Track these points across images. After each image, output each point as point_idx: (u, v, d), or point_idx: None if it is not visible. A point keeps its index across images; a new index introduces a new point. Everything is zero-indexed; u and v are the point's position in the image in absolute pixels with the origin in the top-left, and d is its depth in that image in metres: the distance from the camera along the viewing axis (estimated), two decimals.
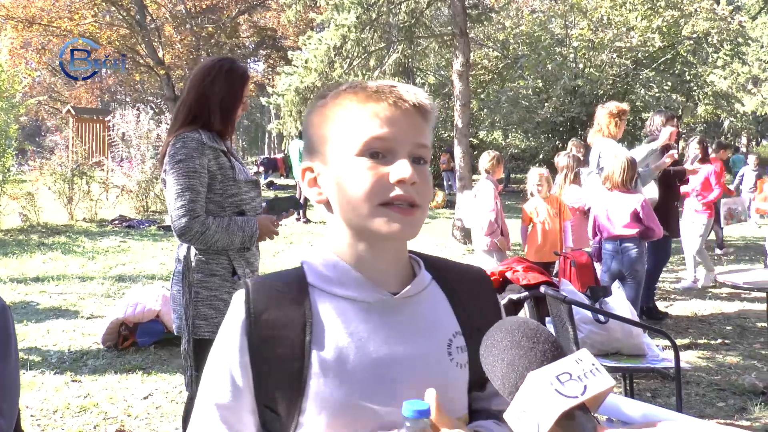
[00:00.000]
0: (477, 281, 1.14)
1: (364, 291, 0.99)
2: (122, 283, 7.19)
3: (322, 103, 1.02)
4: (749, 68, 19.41)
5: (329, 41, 10.53)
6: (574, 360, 0.73)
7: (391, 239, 0.98)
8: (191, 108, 2.57)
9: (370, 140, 0.95)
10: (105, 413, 3.80)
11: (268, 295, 1.00)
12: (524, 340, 0.77)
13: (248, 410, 0.97)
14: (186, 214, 2.43)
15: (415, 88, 0.99)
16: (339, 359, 0.95)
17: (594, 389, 0.70)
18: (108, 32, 22.31)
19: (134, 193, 13.28)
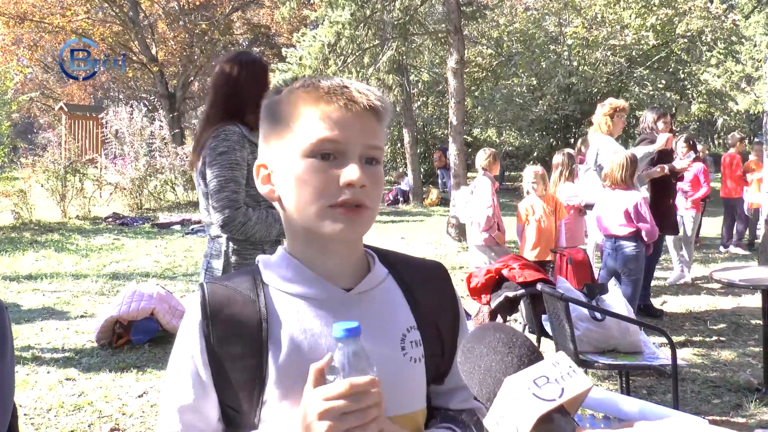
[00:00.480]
0: (434, 275, 1.14)
1: (316, 288, 1.00)
2: (116, 281, 7.15)
3: (276, 98, 1.02)
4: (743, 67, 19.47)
5: (323, 38, 10.50)
6: (551, 363, 0.73)
7: (337, 240, 0.98)
8: (223, 104, 2.62)
9: (319, 142, 0.94)
10: (99, 412, 3.77)
11: (224, 295, 1.01)
12: (500, 346, 0.77)
13: (212, 407, 0.99)
14: (229, 205, 2.47)
15: (368, 88, 0.99)
16: (294, 355, 0.97)
17: (571, 391, 0.70)
18: (101, 29, 22.20)
19: (128, 191, 13.25)
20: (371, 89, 0.99)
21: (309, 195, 0.95)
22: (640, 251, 4.79)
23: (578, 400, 0.72)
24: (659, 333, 3.37)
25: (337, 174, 0.95)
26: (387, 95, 8.37)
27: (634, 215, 4.68)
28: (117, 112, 14.66)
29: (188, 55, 24.05)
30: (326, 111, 0.95)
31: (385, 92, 11.85)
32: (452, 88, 10.50)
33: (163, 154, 14.03)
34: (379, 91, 1.02)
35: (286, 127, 0.99)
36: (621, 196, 4.76)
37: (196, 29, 23.77)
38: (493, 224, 5.55)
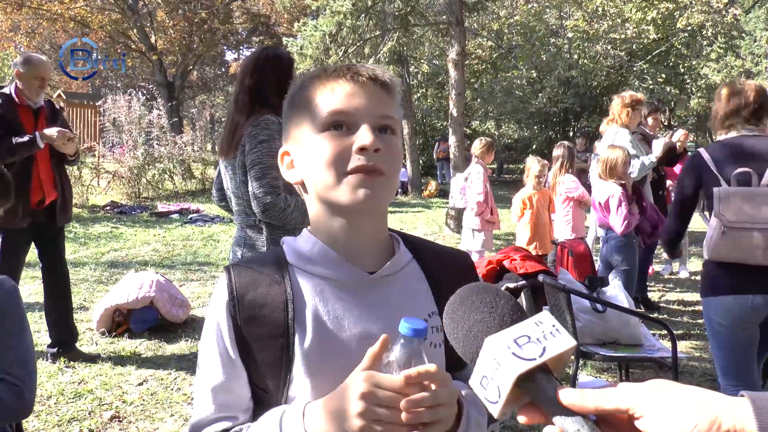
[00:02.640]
0: (458, 263, 1.16)
1: (339, 270, 1.02)
2: (115, 269, 7.14)
3: (293, 91, 1.07)
4: (742, 62, 19.48)
5: (324, 28, 10.46)
6: (534, 322, 0.72)
7: (356, 208, 0.98)
8: (251, 98, 2.69)
9: (330, 115, 0.98)
10: (99, 399, 3.77)
11: (250, 276, 1.04)
12: (483, 306, 0.76)
13: (243, 386, 1.02)
14: (271, 191, 2.52)
15: (375, 66, 1.03)
16: (319, 336, 0.99)
17: (553, 350, 0.68)
18: (99, 16, 22.08)
19: (126, 179, 13.21)
20: (377, 66, 1.03)
21: (326, 165, 0.97)
22: (629, 242, 4.77)
23: (562, 359, 0.70)
24: (660, 326, 3.37)
25: (350, 141, 0.97)
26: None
27: (604, 208, 4.70)
28: (115, 100, 14.60)
29: (187, 44, 23.96)
30: (334, 86, 1.00)
31: None
32: (453, 80, 10.48)
33: (162, 143, 14.00)
34: (384, 69, 1.05)
35: (303, 111, 1.03)
36: (604, 187, 4.77)
37: (195, 18, 23.66)
38: (485, 209, 5.83)
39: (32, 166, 4.09)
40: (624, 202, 4.56)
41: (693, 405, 0.59)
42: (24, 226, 4.12)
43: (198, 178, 15.26)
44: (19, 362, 1.62)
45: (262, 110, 2.66)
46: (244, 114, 2.69)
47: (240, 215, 2.80)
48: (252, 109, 2.68)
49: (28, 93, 4.12)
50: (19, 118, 4.08)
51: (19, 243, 4.18)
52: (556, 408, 0.66)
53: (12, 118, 4.03)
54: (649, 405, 0.61)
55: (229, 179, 2.81)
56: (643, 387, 0.63)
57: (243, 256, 2.73)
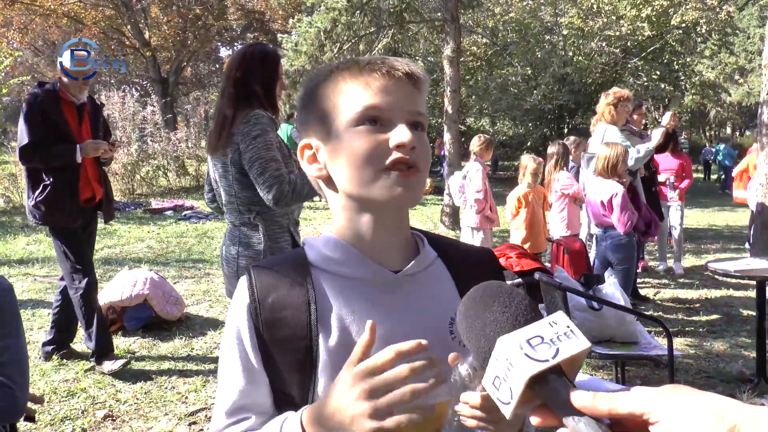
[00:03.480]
0: (483, 262, 1.14)
1: (363, 269, 1.00)
2: (108, 266, 7.11)
3: (316, 81, 1.03)
4: (736, 58, 19.52)
5: (319, 24, 10.43)
6: (548, 323, 0.70)
7: (393, 205, 0.97)
8: (238, 90, 2.72)
9: (365, 109, 0.95)
10: (93, 398, 3.75)
11: (271, 278, 1.01)
12: (496, 305, 0.75)
13: (264, 392, 0.99)
14: (276, 181, 2.55)
15: (405, 60, 1.00)
16: (343, 337, 0.97)
17: (567, 352, 0.67)
18: (93, 12, 21.96)
19: (120, 176, 13.15)
20: (408, 60, 1.00)
21: (361, 161, 0.95)
22: (629, 241, 4.78)
23: (576, 361, 0.69)
24: (656, 323, 3.37)
25: (386, 138, 0.95)
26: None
27: (607, 207, 4.69)
28: (109, 96, 14.53)
29: (181, 40, 23.87)
30: (368, 80, 0.97)
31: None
32: (448, 77, 10.46)
33: (156, 139, 13.95)
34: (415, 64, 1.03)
35: (331, 104, 0.99)
36: (603, 185, 4.76)
37: (189, 14, 23.57)
38: (485, 206, 5.82)
39: (80, 163, 4.00)
40: (628, 201, 4.56)
41: (711, 412, 0.58)
42: (77, 225, 4.07)
43: (192, 175, 15.21)
44: (13, 363, 1.59)
45: (250, 104, 2.68)
46: (231, 107, 2.70)
47: (232, 213, 2.78)
48: (239, 102, 2.70)
49: (72, 89, 4.02)
50: (63, 114, 3.99)
51: (80, 240, 4.14)
52: (569, 411, 0.65)
53: (56, 114, 3.94)
54: (665, 410, 0.59)
55: (219, 176, 2.79)
56: (658, 391, 0.62)
57: (239, 253, 2.73)
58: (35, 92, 3.98)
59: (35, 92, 3.98)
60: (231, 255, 2.77)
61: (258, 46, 2.93)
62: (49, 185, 3.92)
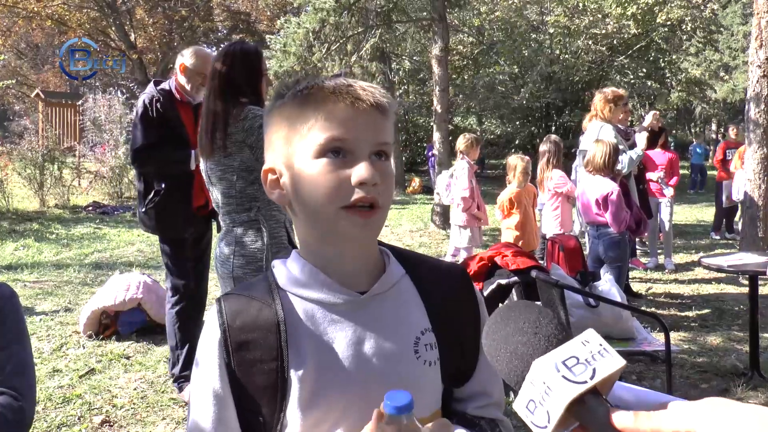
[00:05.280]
0: (452, 277, 1.12)
1: (330, 293, 0.99)
2: (99, 271, 7.05)
3: (280, 102, 1.00)
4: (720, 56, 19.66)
5: (308, 25, 10.40)
6: (581, 342, 0.70)
7: (353, 241, 0.98)
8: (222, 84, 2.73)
9: (328, 141, 0.93)
10: (89, 404, 3.71)
11: (240, 302, 1.01)
12: (526, 326, 0.74)
13: (234, 418, 0.99)
14: None
15: (372, 86, 0.98)
16: (312, 360, 0.96)
17: (603, 372, 0.67)
18: (77, 14, 21.77)
19: (108, 179, 13.05)
20: (375, 87, 0.99)
21: (323, 197, 0.94)
22: (622, 238, 4.81)
23: (611, 380, 0.69)
24: (651, 319, 3.39)
25: (348, 173, 0.93)
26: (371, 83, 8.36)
27: (602, 205, 4.71)
28: (95, 99, 14.41)
29: (167, 42, 23.74)
30: (333, 110, 0.94)
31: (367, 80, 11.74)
32: (436, 76, 10.47)
33: None
34: (382, 88, 1.00)
35: (294, 130, 0.97)
36: (598, 183, 4.78)
37: (175, 16, 23.44)
38: (472, 204, 5.88)
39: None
40: (623, 199, 4.59)
41: (759, 425, 0.57)
42: (188, 235, 3.75)
43: None
44: (19, 373, 1.53)
45: (237, 100, 2.70)
46: (219, 102, 2.71)
47: (230, 214, 2.78)
48: (226, 96, 2.71)
49: (189, 89, 3.67)
50: (180, 116, 3.68)
51: (187, 252, 3.79)
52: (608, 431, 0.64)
53: (172, 117, 3.63)
54: (711, 426, 0.59)
55: (218, 178, 2.78)
56: (700, 406, 0.61)
57: (234, 254, 2.72)
58: (151, 92, 3.70)
59: (151, 92, 3.70)
60: (224, 255, 2.76)
61: (239, 44, 2.97)
62: (161, 191, 3.62)
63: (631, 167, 5.35)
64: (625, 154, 5.21)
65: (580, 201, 5.06)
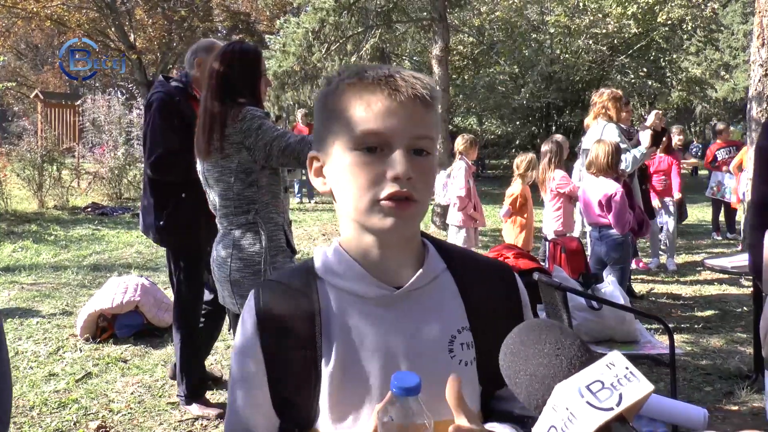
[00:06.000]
0: (497, 275, 1.09)
1: (366, 286, 0.99)
2: (98, 273, 7.00)
3: (326, 91, 1.01)
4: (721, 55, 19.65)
5: (307, 25, 10.36)
6: (605, 365, 0.66)
7: (387, 235, 0.97)
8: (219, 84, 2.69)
9: (363, 134, 0.93)
10: (85, 409, 3.66)
11: (277, 289, 1.03)
12: (547, 347, 0.70)
13: (267, 403, 1.00)
14: (302, 144, 2.58)
15: (414, 75, 0.96)
16: (342, 352, 0.96)
17: (631, 398, 0.63)
18: (77, 15, 21.71)
19: (107, 180, 13.00)
20: (419, 76, 0.96)
21: (357, 189, 0.94)
22: (625, 239, 4.77)
23: (637, 406, 0.64)
24: (656, 321, 3.34)
25: (383, 168, 0.92)
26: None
27: (605, 206, 4.67)
28: (94, 100, 14.36)
29: (167, 43, 23.70)
30: (370, 101, 0.93)
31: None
32: (436, 76, 10.42)
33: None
34: (428, 78, 0.98)
35: (335, 119, 0.97)
36: (601, 184, 4.74)
37: (175, 16, 23.38)
38: (468, 204, 5.88)
39: None
40: (626, 201, 4.56)
41: None
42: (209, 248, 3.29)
43: None
44: None
45: (236, 101, 2.66)
46: (217, 102, 2.67)
47: (227, 217, 2.74)
48: (224, 96, 2.67)
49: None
50: (196, 113, 3.24)
51: (201, 269, 3.51)
52: None
53: (191, 116, 3.17)
54: None
55: (215, 180, 2.75)
56: None
57: (232, 257, 2.69)
58: (167, 90, 3.37)
59: (167, 90, 3.37)
60: (222, 258, 2.73)
61: (237, 44, 2.91)
62: (182, 201, 3.32)
63: (635, 166, 5.31)
64: (628, 152, 5.17)
65: (582, 201, 5.03)
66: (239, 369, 1.02)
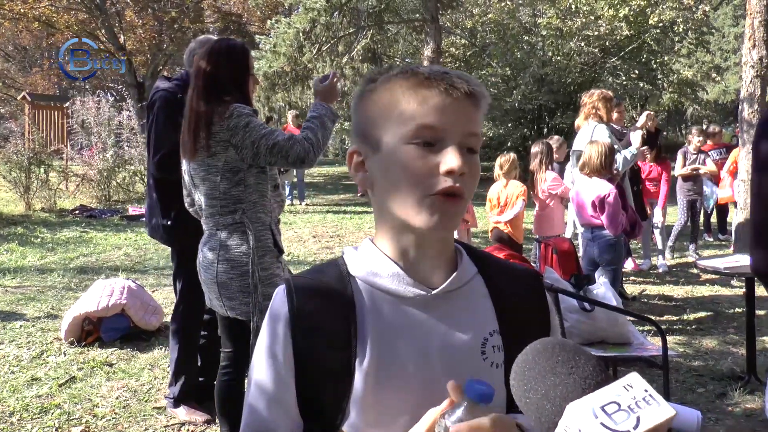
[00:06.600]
0: (526, 281, 1.11)
1: (401, 285, 0.99)
2: (84, 275, 6.91)
3: (371, 87, 1.00)
4: (712, 57, 19.75)
5: (298, 25, 10.31)
6: (623, 386, 0.62)
7: (432, 231, 0.96)
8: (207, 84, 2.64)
9: (419, 128, 0.93)
10: (68, 414, 3.58)
11: (310, 287, 1.01)
12: (559, 366, 0.67)
13: (294, 402, 0.98)
14: (290, 143, 2.58)
15: (466, 76, 0.97)
16: (376, 353, 0.96)
17: (650, 421, 0.58)
18: (65, 16, 21.56)
19: (95, 182, 12.89)
20: (467, 76, 0.98)
21: (408, 183, 0.93)
22: (618, 240, 4.75)
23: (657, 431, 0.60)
24: (649, 323, 3.31)
25: (436, 161, 0.93)
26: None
27: (598, 207, 4.65)
28: (83, 101, 14.25)
29: (157, 44, 23.54)
30: (426, 97, 0.94)
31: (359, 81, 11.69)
32: None
33: (132, 144, 13.66)
34: (474, 78, 1.00)
35: (384, 114, 0.97)
36: (594, 185, 4.71)
37: (165, 17, 23.25)
38: None
39: None
40: (619, 202, 4.53)
41: None
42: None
43: None
44: None
45: (223, 99, 2.61)
46: (204, 102, 2.61)
47: (213, 217, 2.69)
48: (211, 96, 2.62)
49: None
50: None
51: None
52: None
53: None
54: None
55: (201, 179, 2.69)
56: None
57: (217, 258, 2.64)
58: (169, 88, 3.34)
59: (169, 88, 3.34)
60: (208, 260, 2.68)
61: (224, 41, 2.86)
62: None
63: (626, 167, 5.29)
64: (619, 153, 5.15)
65: (575, 202, 5.00)
66: (266, 370, 0.99)
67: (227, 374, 2.82)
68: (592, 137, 5.21)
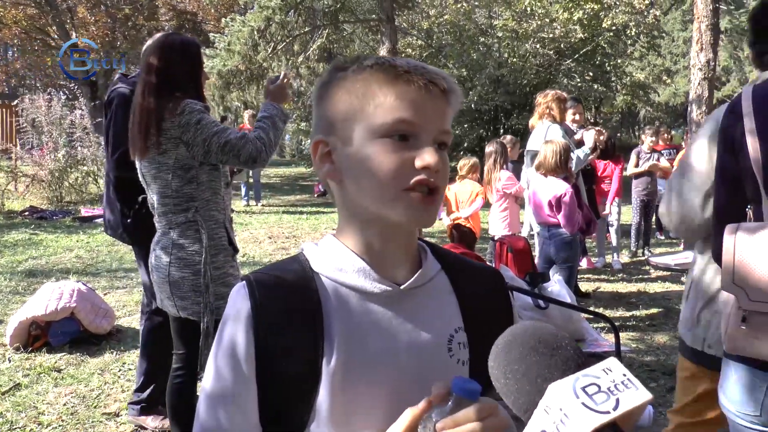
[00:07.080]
0: (488, 279, 1.11)
1: (368, 282, 0.97)
2: (33, 279, 6.69)
3: (341, 75, 0.97)
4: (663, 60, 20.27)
5: (253, 23, 10.19)
6: (602, 369, 0.64)
7: (408, 226, 0.96)
8: (159, 79, 2.59)
9: (396, 123, 0.91)
10: (10, 423, 3.45)
11: (273, 283, 0.97)
12: (541, 347, 0.68)
13: (254, 405, 0.94)
14: (242, 141, 2.55)
15: (442, 73, 0.97)
16: (343, 350, 0.93)
17: (628, 403, 0.60)
18: (13, 11, 20.90)
19: (46, 183, 12.52)
20: (444, 73, 0.97)
21: (382, 177, 0.91)
22: (574, 238, 4.83)
23: (634, 415, 0.62)
24: (603, 320, 3.36)
25: (411, 156, 0.91)
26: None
27: (555, 206, 4.72)
28: (33, 99, 13.83)
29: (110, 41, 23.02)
30: (405, 91, 0.92)
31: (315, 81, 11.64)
32: None
33: (85, 144, 13.32)
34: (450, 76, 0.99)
35: (357, 105, 0.94)
36: (550, 184, 4.78)
37: (118, 14, 22.77)
38: None
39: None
40: (575, 200, 4.60)
41: None
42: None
43: None
44: None
45: (174, 95, 2.56)
46: (154, 98, 2.55)
47: (166, 216, 2.64)
48: (162, 92, 2.56)
49: None
50: None
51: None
52: None
53: None
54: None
55: (152, 177, 2.64)
56: None
57: (170, 260, 2.59)
58: (127, 88, 3.27)
59: (127, 88, 3.27)
60: (160, 260, 2.62)
61: (177, 36, 2.82)
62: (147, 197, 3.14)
63: (579, 167, 5.37)
64: (572, 153, 5.24)
65: (531, 202, 5.06)
66: (224, 370, 0.95)
67: (180, 376, 2.76)
68: (546, 137, 5.28)
